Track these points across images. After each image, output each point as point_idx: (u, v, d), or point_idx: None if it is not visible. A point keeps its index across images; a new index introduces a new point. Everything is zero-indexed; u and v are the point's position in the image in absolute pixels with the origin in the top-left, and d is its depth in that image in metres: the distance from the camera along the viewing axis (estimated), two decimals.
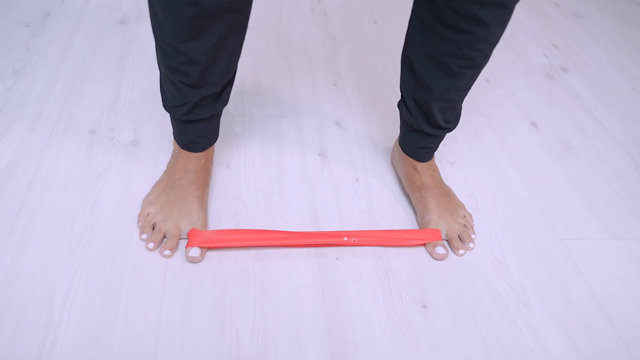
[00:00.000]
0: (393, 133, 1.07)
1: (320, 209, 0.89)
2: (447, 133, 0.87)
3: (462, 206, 0.90)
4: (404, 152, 0.91)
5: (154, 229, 0.79)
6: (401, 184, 0.96)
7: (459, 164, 1.03)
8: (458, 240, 0.85)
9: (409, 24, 0.79)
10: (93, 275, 0.73)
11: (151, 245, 0.77)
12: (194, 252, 0.76)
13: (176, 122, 0.79)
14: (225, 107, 1.07)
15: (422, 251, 0.84)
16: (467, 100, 1.19)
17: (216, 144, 0.98)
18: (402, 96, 0.85)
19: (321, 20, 1.43)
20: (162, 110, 1.03)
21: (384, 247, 0.84)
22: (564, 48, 1.49)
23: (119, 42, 1.21)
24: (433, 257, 0.83)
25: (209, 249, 0.79)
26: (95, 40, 1.20)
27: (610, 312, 0.80)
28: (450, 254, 0.85)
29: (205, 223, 0.81)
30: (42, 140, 0.93)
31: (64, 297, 0.70)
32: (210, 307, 0.72)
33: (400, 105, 0.88)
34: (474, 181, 1.00)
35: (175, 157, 0.84)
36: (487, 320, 0.76)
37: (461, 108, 0.85)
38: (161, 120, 1.01)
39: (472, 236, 0.87)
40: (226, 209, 0.86)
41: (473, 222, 0.91)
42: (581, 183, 1.04)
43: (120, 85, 1.08)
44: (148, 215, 0.80)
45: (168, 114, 0.85)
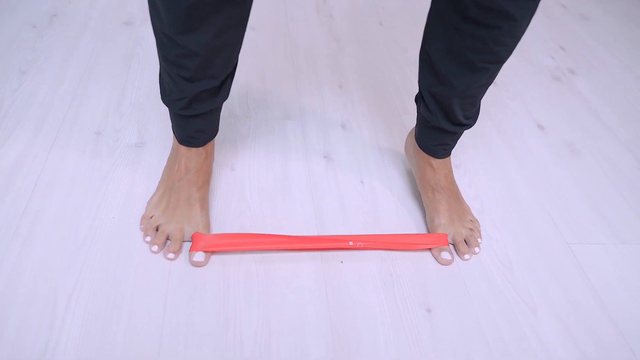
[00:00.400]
0: (398, 135, 1.07)
1: (325, 212, 0.89)
2: (467, 130, 0.85)
3: (469, 210, 0.90)
4: (420, 148, 0.88)
5: (157, 231, 0.79)
6: (408, 186, 0.95)
7: (464, 166, 1.02)
8: (464, 245, 0.85)
9: (427, 18, 0.76)
10: (97, 276, 0.73)
11: (155, 248, 0.77)
12: (199, 256, 0.76)
13: (174, 116, 0.77)
14: (230, 109, 1.07)
15: (427, 255, 0.84)
16: None
17: (221, 145, 0.98)
18: (420, 92, 0.83)
19: (326, 21, 1.43)
20: (167, 111, 1.03)
21: (389, 251, 0.83)
22: (570, 50, 1.48)
23: (124, 43, 1.21)
24: (438, 261, 0.83)
25: (213, 252, 0.79)
26: (101, 41, 1.21)
27: (615, 317, 0.80)
28: (455, 258, 0.84)
29: (207, 225, 0.81)
30: (48, 141, 0.93)
31: (67, 297, 0.70)
32: (214, 309, 0.72)
33: (417, 100, 0.85)
34: (480, 184, 0.99)
35: (174, 152, 0.83)
36: (491, 324, 0.76)
37: (480, 103, 0.82)
38: (166, 122, 1.01)
39: (479, 240, 0.87)
40: (230, 211, 0.86)
41: (480, 226, 0.90)
42: (588, 186, 1.03)
43: (126, 86, 1.09)
44: (151, 218, 0.80)
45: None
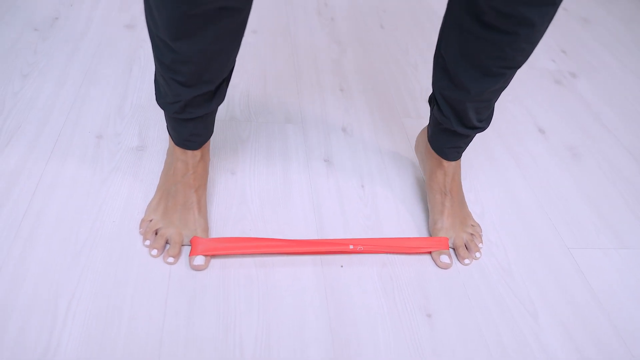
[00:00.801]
0: (400, 139, 1.07)
1: (326, 215, 0.89)
2: (479, 133, 0.84)
3: (471, 216, 0.90)
4: (432, 150, 0.87)
5: (156, 234, 0.79)
6: (408, 190, 0.95)
7: (465, 170, 1.02)
8: (464, 249, 0.85)
9: (443, 21, 0.74)
10: (97, 279, 0.73)
11: (155, 252, 0.77)
12: (199, 260, 0.76)
13: (169, 119, 0.77)
14: (231, 113, 1.07)
15: (427, 259, 0.84)
16: None
17: (221, 149, 0.98)
18: (434, 95, 0.82)
19: (328, 24, 1.43)
20: None
21: (389, 255, 0.83)
22: (572, 53, 1.48)
23: (126, 46, 1.22)
24: (437, 265, 0.83)
25: (213, 256, 0.79)
26: (103, 44, 1.21)
27: (615, 320, 0.79)
28: (455, 262, 0.84)
29: (205, 228, 0.81)
30: (49, 144, 0.93)
31: (68, 300, 0.70)
32: (214, 313, 0.72)
33: (431, 102, 0.84)
34: (480, 188, 0.99)
35: (170, 155, 0.82)
36: (491, 328, 0.76)
37: (494, 106, 0.81)
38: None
39: (480, 245, 0.87)
40: (231, 215, 0.86)
41: (481, 231, 0.90)
42: (589, 190, 1.03)
43: (127, 89, 1.09)
44: (150, 222, 0.80)
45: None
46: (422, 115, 1.14)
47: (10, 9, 1.27)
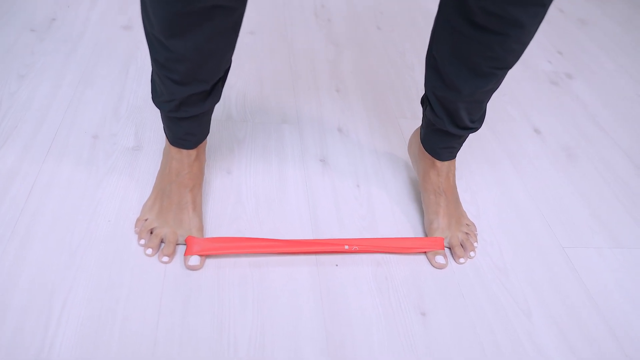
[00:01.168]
0: (395, 139, 1.07)
1: (321, 215, 0.89)
2: (472, 133, 0.84)
3: (466, 215, 0.90)
4: (425, 150, 0.88)
5: (151, 234, 0.79)
6: (404, 190, 0.96)
7: (460, 171, 1.02)
8: (460, 248, 0.85)
9: (435, 22, 0.75)
10: (92, 279, 0.74)
11: (149, 251, 0.77)
12: (194, 260, 0.77)
13: (165, 118, 0.77)
14: (227, 113, 1.08)
15: (422, 258, 0.84)
16: None
17: (217, 149, 0.98)
18: (427, 95, 0.82)
19: (325, 26, 1.44)
20: None
21: (384, 254, 0.83)
22: (568, 54, 1.48)
23: (123, 47, 1.22)
24: (433, 265, 0.83)
25: (208, 256, 0.79)
26: (100, 45, 1.21)
27: (611, 321, 0.80)
28: (450, 261, 0.84)
29: (200, 227, 0.81)
30: (45, 144, 0.93)
31: (63, 300, 0.71)
32: (209, 312, 0.72)
33: (424, 103, 0.85)
34: (476, 188, 0.99)
35: (166, 154, 0.83)
36: (486, 328, 0.76)
37: (486, 107, 0.81)
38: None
39: (475, 244, 0.87)
40: (226, 214, 0.86)
41: (477, 231, 0.90)
42: (584, 190, 1.03)
43: (124, 90, 1.09)
44: (146, 221, 0.80)
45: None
46: (418, 116, 1.15)
47: (7, 10, 1.27)
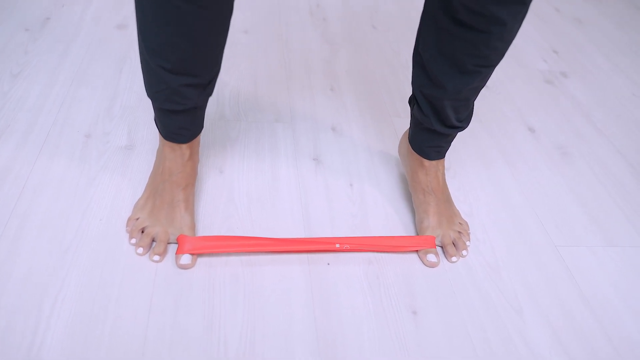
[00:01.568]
0: (389, 138, 1.07)
1: (313, 214, 0.89)
2: (459, 132, 0.85)
3: (458, 214, 0.90)
4: (413, 150, 0.88)
5: (143, 233, 0.79)
6: (397, 189, 0.96)
7: (454, 169, 1.02)
8: (452, 247, 0.85)
9: (420, 20, 0.76)
10: (83, 278, 0.73)
11: (140, 250, 0.77)
12: (185, 259, 0.76)
13: (157, 111, 0.77)
14: (220, 112, 1.08)
15: (413, 257, 0.84)
16: None
17: (210, 148, 0.98)
18: (414, 94, 0.83)
19: (320, 25, 1.44)
20: None
21: (376, 253, 0.83)
22: (564, 53, 1.48)
23: (117, 46, 1.22)
24: (424, 263, 0.83)
25: (200, 254, 0.79)
26: (94, 44, 1.21)
27: (603, 320, 0.79)
28: (443, 260, 0.84)
29: (192, 226, 0.81)
30: (37, 143, 0.93)
31: (53, 299, 0.70)
32: (199, 311, 0.72)
33: (411, 102, 0.85)
34: (470, 187, 0.99)
35: (160, 155, 0.83)
36: (477, 327, 0.76)
37: (473, 106, 0.82)
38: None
39: (467, 243, 0.87)
40: (218, 213, 0.86)
41: (469, 229, 0.90)
42: (578, 189, 1.03)
43: (117, 89, 1.09)
44: (137, 220, 0.80)
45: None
46: None
47: (1, 9, 1.27)
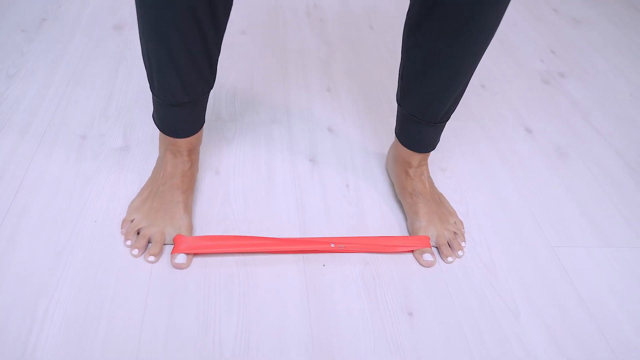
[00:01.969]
0: (386, 139, 1.07)
1: (309, 215, 0.88)
2: (443, 122, 0.85)
3: (453, 213, 0.90)
4: (401, 144, 0.88)
5: (138, 234, 0.78)
6: (393, 189, 0.95)
7: (450, 170, 1.02)
8: (447, 248, 0.84)
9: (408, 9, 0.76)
10: (78, 280, 0.73)
11: (136, 251, 0.77)
12: (180, 258, 0.76)
13: (158, 105, 0.77)
14: (216, 112, 1.07)
15: (410, 258, 0.84)
16: (460, 104, 1.18)
17: (206, 149, 0.98)
18: (402, 86, 0.83)
19: (317, 25, 1.43)
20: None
21: (372, 254, 0.83)
22: (561, 53, 1.48)
23: (114, 47, 1.22)
24: (420, 263, 0.83)
25: (195, 254, 0.79)
26: (90, 45, 1.21)
27: (600, 321, 0.79)
28: (438, 261, 0.84)
29: (190, 228, 0.80)
30: (33, 144, 0.93)
31: (48, 300, 0.70)
32: (194, 312, 0.72)
33: (399, 96, 0.85)
34: (466, 187, 0.99)
35: (160, 162, 0.84)
36: (474, 328, 0.75)
37: (459, 99, 0.81)
38: (151, 126, 1.01)
39: (462, 244, 0.86)
40: (214, 215, 0.86)
41: (464, 229, 0.90)
42: (575, 190, 1.03)
43: (113, 90, 1.09)
44: (132, 222, 0.80)
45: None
46: None
47: None
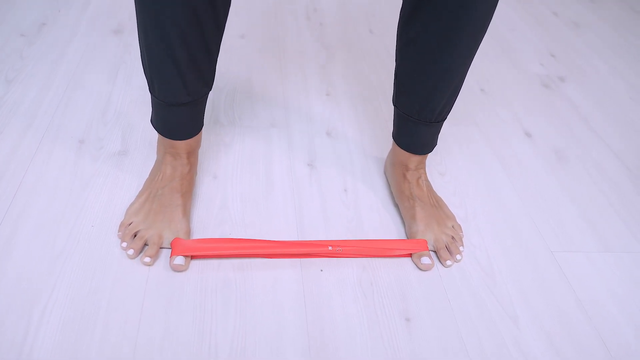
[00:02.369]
0: (384, 143, 1.07)
1: (307, 220, 0.88)
2: (438, 123, 0.85)
3: (451, 217, 0.89)
4: (398, 146, 0.88)
5: (135, 237, 0.78)
6: (391, 194, 0.95)
7: (449, 174, 1.01)
8: (446, 251, 0.84)
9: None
10: (74, 283, 0.73)
11: (131, 252, 0.76)
12: (179, 260, 0.76)
13: (156, 105, 0.77)
14: (215, 116, 1.07)
15: (407, 262, 0.83)
16: (460, 108, 1.18)
17: (204, 153, 0.98)
18: (397, 85, 0.83)
19: (317, 29, 1.43)
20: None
21: (369, 258, 0.83)
22: (561, 57, 1.47)
23: (113, 51, 1.22)
24: (419, 267, 0.82)
25: (193, 257, 0.78)
26: (90, 49, 1.21)
27: (599, 325, 0.79)
28: (437, 265, 0.84)
29: (188, 231, 0.80)
30: (31, 148, 0.93)
31: (44, 304, 0.70)
32: (190, 317, 0.71)
33: (395, 97, 0.85)
34: (465, 192, 0.98)
35: (158, 164, 0.84)
36: (471, 333, 0.75)
37: (454, 100, 0.82)
38: (150, 130, 1.01)
39: (460, 248, 0.86)
40: (211, 219, 0.86)
41: (462, 233, 0.89)
42: (574, 194, 1.02)
43: (112, 94, 1.09)
44: (130, 225, 0.79)
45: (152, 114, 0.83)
46: None
47: None
